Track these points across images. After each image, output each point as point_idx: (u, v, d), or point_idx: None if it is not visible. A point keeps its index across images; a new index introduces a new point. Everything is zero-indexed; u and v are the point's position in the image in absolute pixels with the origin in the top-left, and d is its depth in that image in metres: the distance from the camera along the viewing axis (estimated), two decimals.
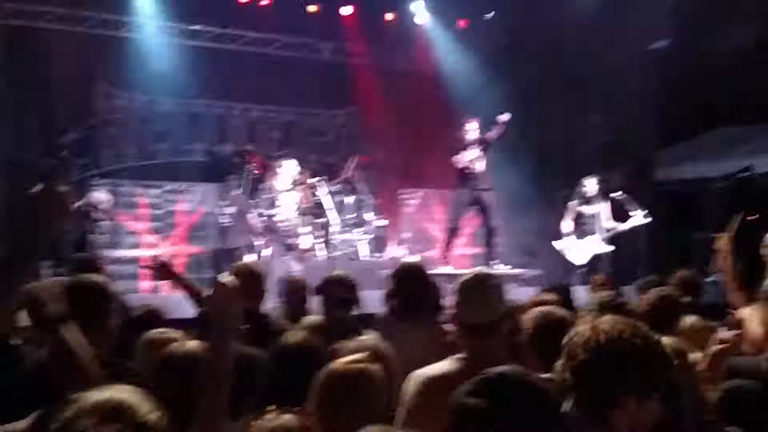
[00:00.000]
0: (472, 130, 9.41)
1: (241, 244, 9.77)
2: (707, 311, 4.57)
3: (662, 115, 11.63)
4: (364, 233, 10.81)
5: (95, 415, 1.47)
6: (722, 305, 4.84)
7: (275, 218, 9.31)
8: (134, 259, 9.42)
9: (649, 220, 9.53)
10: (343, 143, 13.07)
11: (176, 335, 3.02)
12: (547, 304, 3.54)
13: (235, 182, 10.14)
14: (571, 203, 9.86)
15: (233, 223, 9.83)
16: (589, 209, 9.71)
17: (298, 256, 9.05)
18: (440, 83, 12.70)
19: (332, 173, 11.26)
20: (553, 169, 11.78)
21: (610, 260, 9.73)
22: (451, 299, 2.87)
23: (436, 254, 10.43)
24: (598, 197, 9.75)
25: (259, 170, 10.39)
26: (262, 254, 9.54)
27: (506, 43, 12.30)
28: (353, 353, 2.49)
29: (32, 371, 2.37)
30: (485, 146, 9.38)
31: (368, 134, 13.00)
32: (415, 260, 8.62)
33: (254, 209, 9.67)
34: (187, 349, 2.55)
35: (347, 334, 3.07)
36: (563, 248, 9.82)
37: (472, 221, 10.62)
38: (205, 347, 2.27)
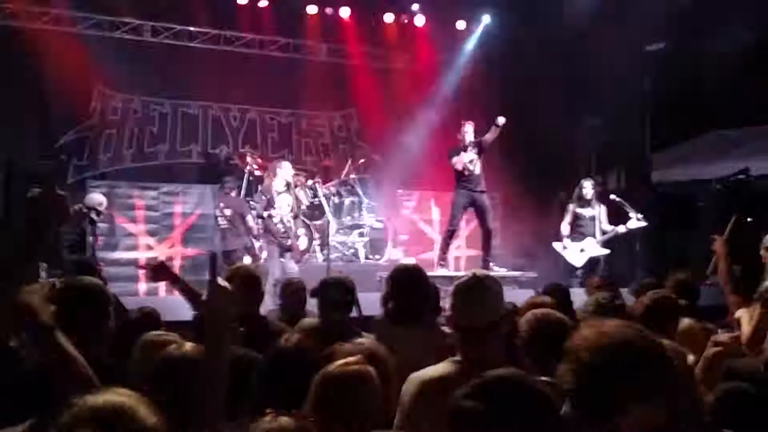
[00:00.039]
0: (469, 132, 9.41)
1: (238, 246, 9.76)
2: (704, 314, 4.58)
3: (659, 117, 11.64)
4: (361, 235, 10.81)
5: (93, 419, 1.46)
6: (719, 308, 4.85)
7: (271, 220, 9.31)
8: (131, 260, 9.40)
9: (645, 224, 9.54)
10: (340, 145, 13.08)
11: (173, 338, 3.01)
12: (543, 306, 3.54)
13: (232, 184, 10.13)
14: (569, 205, 9.87)
15: (230, 225, 9.81)
16: (587, 211, 9.72)
17: (295, 257, 9.04)
18: (438, 85, 12.71)
19: (330, 175, 11.27)
20: (550, 171, 11.80)
21: (607, 262, 9.75)
22: (448, 301, 2.87)
23: (433, 256, 10.43)
24: (595, 199, 9.76)
25: (260, 169, 10.39)
26: (259, 256, 9.54)
27: (503, 45, 12.32)
28: (350, 356, 2.49)
29: (31, 373, 2.36)
30: (482, 148, 9.38)
31: (366, 136, 13.01)
32: (412, 262, 8.65)
33: (251, 211, 9.66)
34: (183, 351, 2.54)
35: (344, 336, 3.07)
36: (561, 250, 9.83)
37: (469, 223, 10.63)
38: (201, 350, 2.27)
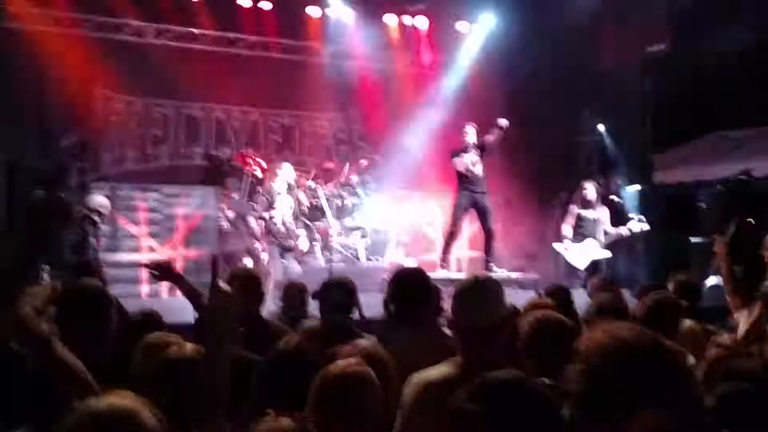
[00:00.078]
0: (470, 134, 9.42)
1: (239, 247, 9.77)
2: (706, 315, 4.57)
3: (660, 118, 11.63)
4: (362, 237, 10.81)
5: (97, 424, 1.47)
6: (721, 309, 4.84)
7: (272, 221, 9.31)
8: (133, 262, 9.41)
9: (647, 226, 9.53)
10: (341, 146, 13.08)
11: (175, 339, 3.01)
12: (544, 307, 3.53)
13: (234, 186, 10.14)
14: (571, 207, 9.87)
15: (232, 226, 9.82)
16: (589, 213, 9.71)
17: (296, 257, 9.04)
18: (439, 86, 12.72)
19: (331, 176, 11.27)
20: (551, 172, 11.79)
21: (608, 264, 9.74)
22: (449, 303, 2.87)
23: (434, 258, 10.43)
24: (598, 201, 9.76)
25: (262, 170, 10.39)
26: (261, 258, 9.54)
27: (505, 46, 12.32)
28: (350, 357, 2.49)
29: (34, 376, 2.37)
30: (484, 150, 9.38)
31: (367, 137, 13.01)
32: (413, 264, 8.65)
33: (253, 212, 9.67)
34: (184, 353, 2.55)
35: (346, 338, 3.07)
36: (563, 251, 9.82)
37: (471, 225, 10.62)
38: (202, 351, 2.27)
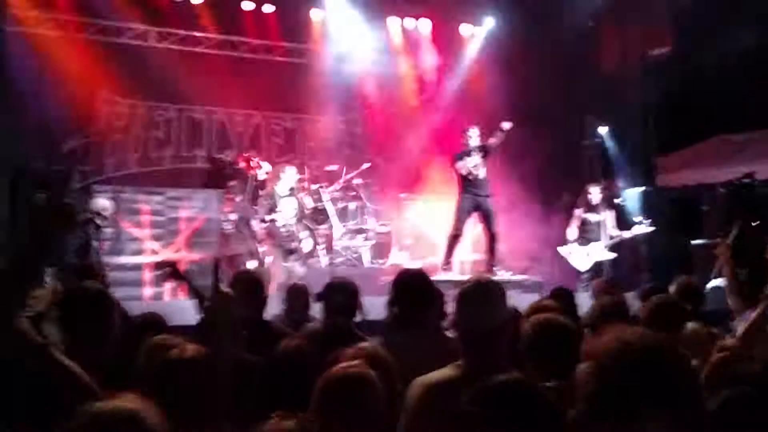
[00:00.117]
0: (473, 136, 9.42)
1: (243, 250, 9.77)
2: (709, 318, 4.56)
3: (663, 121, 11.63)
4: (365, 239, 10.81)
5: (102, 426, 1.47)
6: (722, 311, 4.83)
7: (275, 224, 9.32)
8: (137, 265, 9.42)
9: (651, 229, 9.53)
10: (344, 149, 13.08)
11: (178, 342, 3.02)
12: (548, 310, 3.53)
13: (237, 189, 10.15)
14: (576, 210, 9.87)
15: (235, 229, 9.83)
16: (593, 217, 9.72)
17: (300, 260, 9.05)
18: (442, 89, 12.72)
19: (334, 180, 11.28)
20: (554, 175, 11.78)
21: (612, 267, 9.73)
22: (452, 306, 2.87)
23: (438, 261, 10.42)
24: (602, 204, 9.77)
25: (265, 174, 10.40)
26: (264, 261, 9.55)
27: (507, 49, 12.32)
28: (353, 360, 2.49)
29: (33, 376, 2.37)
30: (487, 153, 9.38)
31: (370, 140, 13.01)
32: (416, 267, 8.64)
33: (256, 215, 9.68)
34: (187, 355, 2.55)
35: (349, 341, 3.07)
36: (567, 254, 9.82)
37: (474, 228, 10.61)
38: (204, 352, 2.27)
